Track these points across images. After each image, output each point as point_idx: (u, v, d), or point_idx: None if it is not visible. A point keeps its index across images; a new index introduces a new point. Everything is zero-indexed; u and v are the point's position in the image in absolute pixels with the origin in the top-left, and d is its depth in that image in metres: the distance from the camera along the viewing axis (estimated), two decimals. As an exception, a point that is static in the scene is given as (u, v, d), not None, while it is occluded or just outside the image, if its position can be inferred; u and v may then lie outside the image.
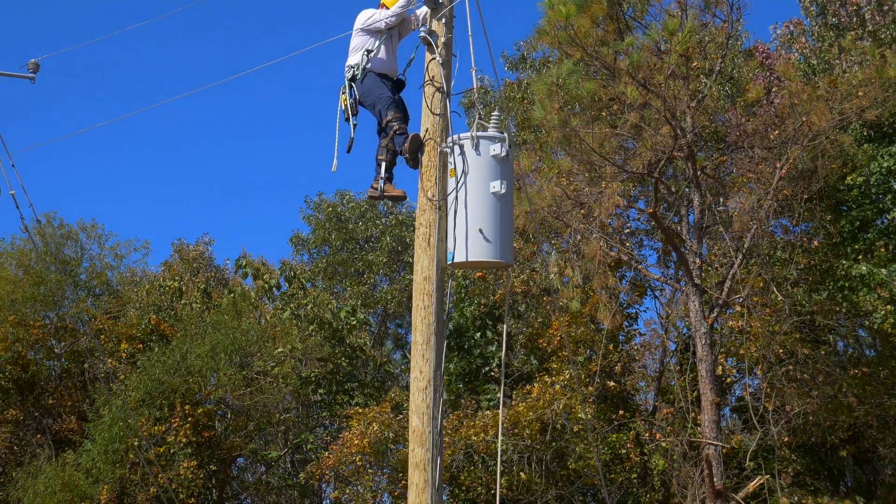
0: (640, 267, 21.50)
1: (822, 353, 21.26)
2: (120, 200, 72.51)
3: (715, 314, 18.68)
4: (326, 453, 23.33)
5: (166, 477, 23.22)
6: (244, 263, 30.57)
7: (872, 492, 23.53)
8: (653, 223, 20.79)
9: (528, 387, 22.21)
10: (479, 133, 8.05)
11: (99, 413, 23.19)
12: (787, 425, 20.44)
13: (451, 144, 8.12)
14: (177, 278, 30.72)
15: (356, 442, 21.64)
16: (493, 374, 24.30)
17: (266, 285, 30.05)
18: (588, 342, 22.74)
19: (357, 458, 21.97)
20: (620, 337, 24.01)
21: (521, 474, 20.97)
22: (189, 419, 24.21)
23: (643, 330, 24.67)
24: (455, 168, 8.01)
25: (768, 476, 18.93)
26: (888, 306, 18.71)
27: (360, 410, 23.08)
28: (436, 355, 7.81)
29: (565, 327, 22.25)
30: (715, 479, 17.19)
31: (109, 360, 25.66)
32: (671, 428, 21.56)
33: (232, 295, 28.47)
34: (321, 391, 28.86)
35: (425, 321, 7.88)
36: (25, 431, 25.63)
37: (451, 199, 8.01)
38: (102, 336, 26.32)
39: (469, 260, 7.91)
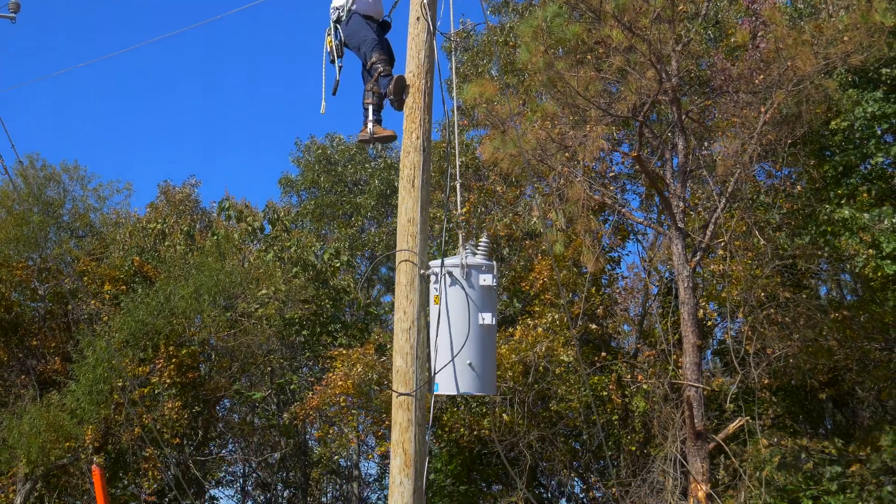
0: (623, 210, 21.54)
1: (804, 296, 21.39)
2: (105, 142, 72.18)
3: (697, 258, 18.74)
4: (310, 394, 23.42)
5: (151, 417, 23.33)
6: (227, 206, 30.51)
7: (851, 434, 23.79)
8: (637, 167, 20.79)
9: (510, 329, 22.30)
10: (469, 261, 7.87)
11: (83, 354, 23.21)
12: (767, 368, 20.60)
13: (437, 270, 7.90)
14: (160, 221, 30.65)
15: (340, 383, 21.73)
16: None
17: (249, 227, 30.02)
18: (571, 285, 22.81)
19: (341, 399, 22.07)
20: (603, 280, 24.10)
21: (504, 416, 21.12)
22: (173, 360, 24.29)
23: (626, 273, 24.78)
24: (441, 296, 7.83)
25: (748, 418, 19.09)
26: (870, 250, 18.80)
27: (344, 352, 23.13)
28: (419, 296, 7.84)
29: (548, 271, 22.31)
30: (696, 421, 17.34)
31: (93, 302, 25.66)
32: (653, 370, 21.70)
33: (215, 237, 28.44)
34: (305, 333, 28.96)
35: (409, 263, 7.90)
36: (9, 372, 25.67)
37: (433, 324, 7.82)
38: (86, 278, 26.30)
39: (457, 393, 7.81)
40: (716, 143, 19.96)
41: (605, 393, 22.10)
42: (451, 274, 7.82)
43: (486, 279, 7.84)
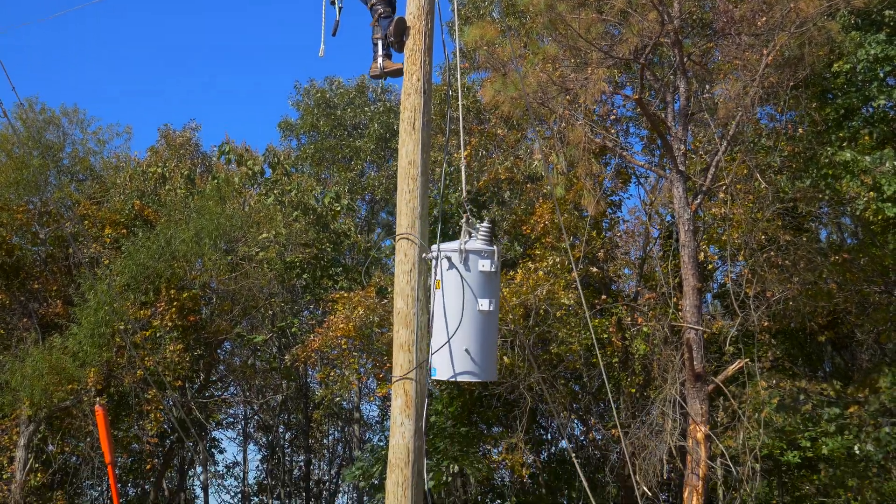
0: (624, 154, 21.48)
1: (804, 239, 21.40)
2: (104, 86, 71.85)
3: (698, 201, 18.71)
4: (312, 337, 23.49)
5: (153, 360, 23.44)
6: (227, 150, 30.44)
7: (849, 376, 23.92)
8: (638, 110, 20.70)
9: (511, 273, 22.32)
10: (468, 247, 7.74)
11: (84, 297, 23.26)
12: (767, 311, 20.65)
13: (437, 255, 7.78)
14: (160, 165, 30.59)
15: (341, 326, 21.78)
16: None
17: (250, 171, 29.97)
18: (572, 229, 22.81)
19: (342, 342, 22.13)
20: (604, 224, 24.09)
21: (505, 358, 21.18)
22: (174, 304, 24.37)
23: (627, 217, 24.78)
24: (441, 281, 7.72)
25: (747, 360, 19.15)
26: (870, 193, 18.79)
27: (345, 295, 23.16)
28: (420, 238, 7.85)
29: (549, 214, 22.29)
30: (695, 363, 17.41)
31: (94, 245, 25.69)
32: (653, 313, 21.75)
33: (216, 181, 28.41)
34: (305, 276, 29.02)
35: (410, 205, 7.89)
36: (12, 315, 25.75)
37: (435, 309, 7.74)
38: (86, 221, 26.30)
39: (454, 379, 7.74)
40: (717, 86, 19.84)
41: (605, 335, 22.17)
42: (449, 259, 7.71)
43: (485, 265, 7.72)
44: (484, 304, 7.65)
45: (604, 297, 22.66)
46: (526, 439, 23.26)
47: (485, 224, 7.91)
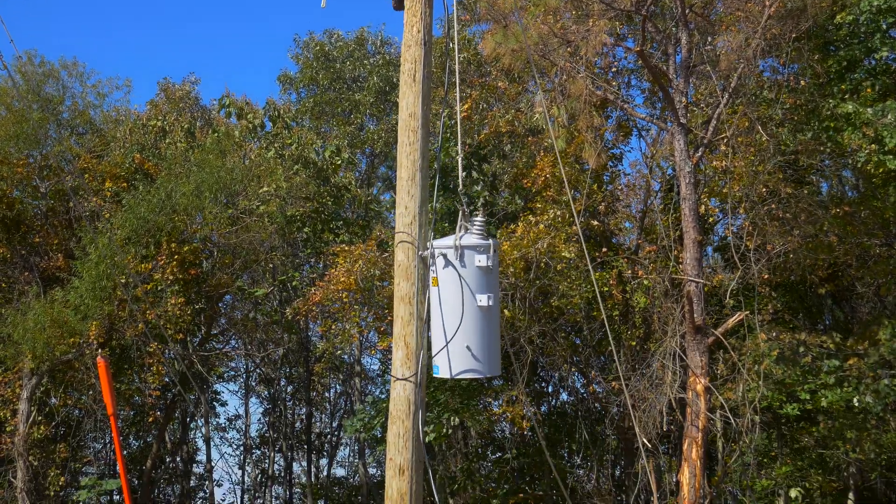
0: (626, 106, 21.41)
1: (805, 192, 21.38)
2: (103, 39, 71.50)
3: (700, 153, 18.68)
4: (312, 290, 23.52)
5: (154, 313, 23.50)
6: (227, 103, 30.34)
7: (849, 329, 23.99)
8: (640, 62, 20.61)
9: (512, 226, 22.32)
10: (463, 242, 7.62)
11: (85, 251, 23.28)
12: (767, 264, 20.68)
13: (432, 252, 7.66)
14: (160, 118, 30.51)
15: (342, 279, 21.79)
16: (477, 213, 24.35)
17: (250, 125, 29.89)
18: (573, 182, 22.78)
19: (343, 296, 22.16)
20: (605, 177, 24.06)
21: (506, 311, 21.24)
22: (175, 257, 24.38)
23: (628, 170, 24.76)
24: (438, 278, 7.68)
25: (748, 313, 19.21)
26: (872, 146, 18.74)
27: (346, 248, 23.16)
28: (421, 191, 7.82)
29: (550, 167, 22.26)
30: (695, 315, 17.45)
31: (94, 199, 25.67)
32: (653, 266, 21.78)
33: (216, 134, 28.34)
34: (306, 230, 29.02)
35: (410, 157, 7.86)
36: (13, 269, 25.78)
37: (434, 306, 7.68)
38: (87, 175, 26.27)
39: (450, 377, 7.64)
40: (719, 38, 19.74)
41: (606, 289, 22.21)
42: (445, 256, 7.62)
43: (481, 260, 7.61)
44: (482, 300, 7.57)
45: (604, 250, 22.68)
46: (526, 392, 23.37)
47: (479, 218, 7.84)
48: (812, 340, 20.75)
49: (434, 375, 7.73)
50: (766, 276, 21.20)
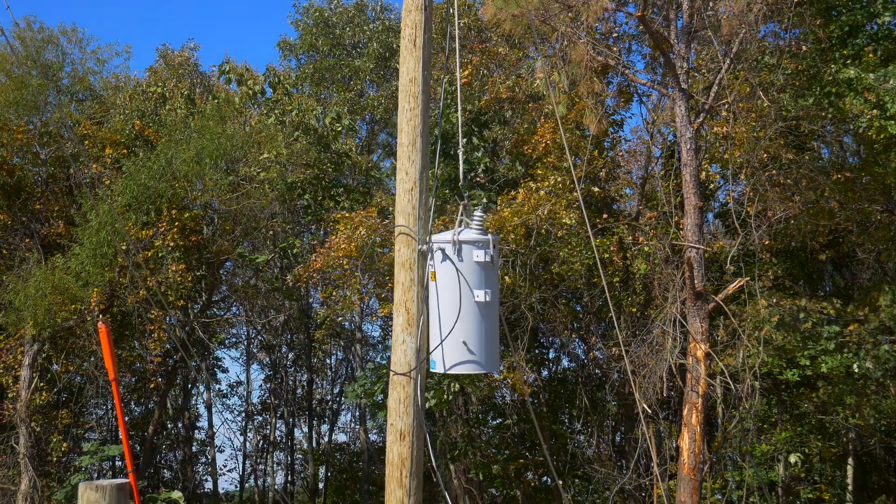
0: (627, 72, 21.33)
1: (806, 158, 21.35)
2: (101, 5, 71.20)
3: (701, 119, 18.63)
4: (313, 257, 23.53)
5: (155, 280, 23.52)
6: (227, 69, 30.24)
7: (850, 295, 24.02)
8: (641, 27, 20.53)
9: (513, 192, 22.31)
10: (461, 238, 7.51)
11: (86, 218, 23.30)
12: (768, 230, 20.68)
13: (431, 246, 7.58)
14: (160, 85, 30.43)
15: (343, 246, 21.79)
16: (478, 179, 24.36)
17: (250, 91, 29.81)
18: (574, 148, 22.75)
19: (344, 262, 22.16)
20: (606, 143, 24.02)
21: (506, 278, 21.26)
22: (176, 224, 24.38)
23: (629, 137, 24.73)
24: (436, 272, 7.59)
25: (748, 279, 19.21)
26: (874, 111, 18.70)
27: (347, 215, 23.15)
28: (421, 157, 7.81)
29: (551, 133, 22.22)
30: (696, 281, 17.46)
31: (94, 166, 25.65)
32: (654, 232, 21.78)
33: (216, 101, 28.28)
34: (307, 197, 29.01)
35: (411, 123, 7.84)
36: (14, 236, 25.78)
37: (432, 302, 7.59)
38: (87, 141, 26.24)
39: (452, 372, 7.57)
40: (721, 3, 19.64)
41: (606, 255, 22.22)
42: (443, 251, 7.54)
43: (479, 255, 7.51)
44: (480, 296, 7.51)
45: (605, 216, 22.67)
46: (527, 358, 23.42)
47: (478, 213, 7.80)
48: (812, 306, 20.78)
49: (431, 370, 7.72)
50: (767, 243, 21.20)
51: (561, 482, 25.73)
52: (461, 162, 8.59)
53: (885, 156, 20.74)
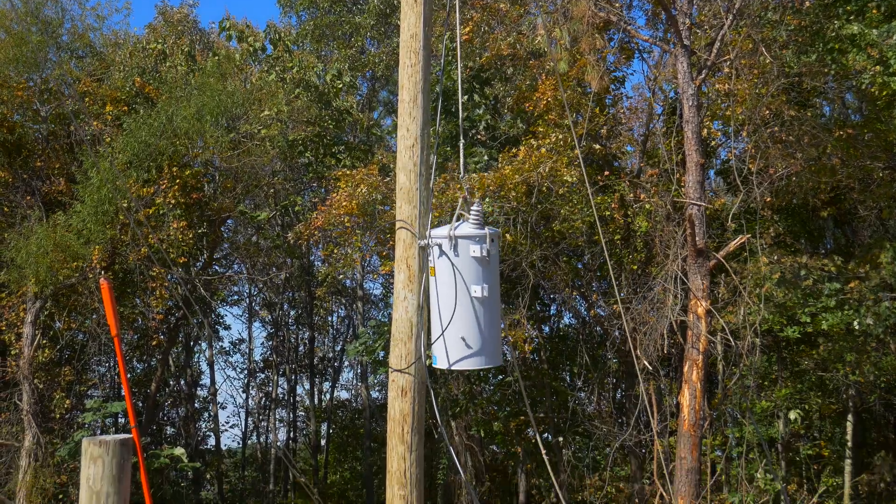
0: (629, 28, 21.23)
1: (808, 115, 21.29)
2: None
3: (703, 76, 18.56)
4: (315, 215, 23.52)
5: (157, 237, 23.53)
6: (228, 26, 30.09)
7: (851, 252, 24.03)
8: (643, -17, 20.43)
9: (514, 150, 22.26)
10: (458, 233, 7.42)
11: (87, 175, 23.27)
12: (770, 187, 20.66)
13: (429, 241, 7.51)
14: (160, 41, 30.30)
15: (344, 203, 21.77)
16: (479, 136, 24.30)
17: (251, 48, 29.68)
18: (575, 105, 22.67)
19: (345, 220, 22.16)
20: (607, 100, 23.94)
21: (507, 236, 21.26)
22: (177, 181, 24.36)
23: (630, 94, 24.63)
24: (435, 268, 7.51)
25: (749, 236, 19.21)
26: (877, 66, 18.61)
27: (348, 172, 23.11)
28: (423, 113, 7.79)
29: (552, 90, 22.14)
30: (697, 238, 17.46)
31: (95, 123, 25.59)
32: (655, 189, 21.76)
33: (216, 58, 28.17)
34: (308, 154, 28.96)
35: (412, 79, 7.81)
36: (15, 193, 25.77)
37: (431, 297, 7.52)
38: (87, 99, 26.16)
39: (455, 368, 7.54)
40: (724, -42, 19.54)
41: (607, 212, 22.21)
42: (440, 246, 7.47)
43: (476, 250, 7.44)
44: (476, 291, 7.45)
45: (606, 173, 22.64)
46: (528, 316, 23.46)
47: (475, 207, 7.74)
48: (813, 263, 20.79)
49: (433, 366, 7.73)
50: (769, 200, 21.19)
51: (561, 438, 25.88)
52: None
53: (888, 112, 20.67)
